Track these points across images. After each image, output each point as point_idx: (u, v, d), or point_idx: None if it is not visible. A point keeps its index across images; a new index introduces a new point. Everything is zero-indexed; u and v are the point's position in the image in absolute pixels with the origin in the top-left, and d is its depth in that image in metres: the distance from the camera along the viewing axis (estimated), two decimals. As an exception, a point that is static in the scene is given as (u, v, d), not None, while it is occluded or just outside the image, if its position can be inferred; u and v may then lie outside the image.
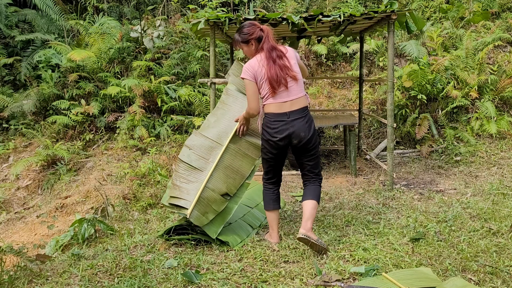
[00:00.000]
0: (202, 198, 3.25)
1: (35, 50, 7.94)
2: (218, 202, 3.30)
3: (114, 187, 5.35)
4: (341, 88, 7.97)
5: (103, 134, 6.87)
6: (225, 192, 3.33)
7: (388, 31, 4.53)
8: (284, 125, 2.99)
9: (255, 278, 2.70)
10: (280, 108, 3.00)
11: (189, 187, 3.29)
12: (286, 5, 8.93)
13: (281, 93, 2.99)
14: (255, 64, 2.99)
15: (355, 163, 5.44)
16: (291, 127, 2.99)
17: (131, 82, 6.81)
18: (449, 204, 4.09)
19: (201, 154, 3.40)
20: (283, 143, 3.03)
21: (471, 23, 7.93)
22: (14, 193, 5.90)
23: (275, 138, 3.01)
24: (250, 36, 3.01)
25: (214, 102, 4.73)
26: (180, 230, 3.36)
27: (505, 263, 2.80)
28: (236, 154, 3.43)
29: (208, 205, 3.26)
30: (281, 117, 2.99)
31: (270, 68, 2.94)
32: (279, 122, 2.99)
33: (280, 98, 3.00)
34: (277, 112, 2.99)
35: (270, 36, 3.00)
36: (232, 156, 3.42)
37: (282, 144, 3.03)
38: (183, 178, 3.33)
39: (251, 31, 3.01)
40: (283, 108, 3.00)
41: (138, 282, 2.68)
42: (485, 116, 6.38)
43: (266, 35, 2.99)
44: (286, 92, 3.00)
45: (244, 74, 3.00)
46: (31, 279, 2.75)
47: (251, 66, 2.99)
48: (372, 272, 2.68)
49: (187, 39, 8.23)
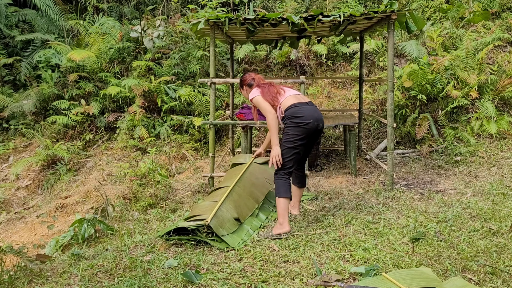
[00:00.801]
0: (218, 214, 3.41)
1: (35, 50, 7.95)
2: (232, 222, 3.47)
3: (114, 187, 5.35)
4: (341, 88, 7.97)
5: (103, 134, 6.87)
6: (236, 217, 3.54)
7: (388, 31, 4.53)
8: (311, 111, 3.45)
9: (255, 278, 2.70)
10: (298, 99, 3.52)
11: (205, 205, 3.60)
12: (286, 5, 8.93)
13: (287, 91, 3.60)
14: (256, 90, 3.58)
15: (355, 163, 5.44)
16: (315, 112, 3.48)
17: (131, 82, 6.81)
18: (449, 204, 4.09)
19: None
20: (314, 126, 3.44)
21: (471, 23, 7.93)
22: (14, 193, 5.90)
23: (309, 121, 3.40)
24: (244, 83, 3.74)
25: (214, 102, 4.73)
26: (180, 231, 3.36)
27: (505, 263, 2.80)
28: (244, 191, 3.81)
29: (224, 222, 3.40)
30: (305, 105, 3.48)
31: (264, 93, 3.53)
32: (306, 109, 3.44)
33: (291, 92, 3.57)
34: (299, 101, 3.48)
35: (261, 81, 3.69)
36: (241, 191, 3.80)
37: (314, 127, 3.44)
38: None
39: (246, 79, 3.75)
40: (301, 99, 3.53)
41: (138, 282, 2.68)
42: (485, 116, 6.38)
43: (257, 80, 3.68)
44: (293, 90, 3.64)
45: (252, 95, 3.54)
46: (31, 279, 2.75)
47: (255, 91, 3.57)
48: (372, 272, 2.68)
49: (187, 39, 8.23)
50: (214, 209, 3.42)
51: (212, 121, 4.66)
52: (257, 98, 3.50)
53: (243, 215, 3.62)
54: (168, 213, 4.30)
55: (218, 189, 3.96)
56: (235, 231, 3.42)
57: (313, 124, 3.42)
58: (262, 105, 3.47)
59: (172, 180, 5.54)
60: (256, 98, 3.51)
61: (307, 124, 3.39)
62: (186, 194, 4.91)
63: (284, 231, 3.38)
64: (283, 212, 3.41)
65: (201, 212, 3.43)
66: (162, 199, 4.76)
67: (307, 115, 3.40)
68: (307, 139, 3.47)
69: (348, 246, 3.14)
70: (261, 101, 3.47)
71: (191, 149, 6.55)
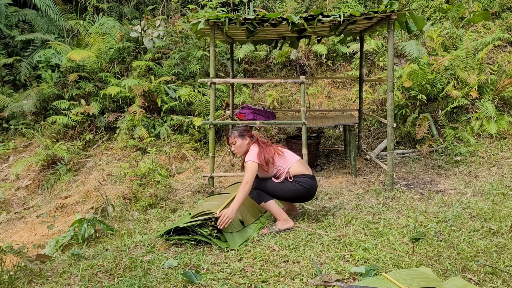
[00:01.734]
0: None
1: (35, 50, 7.95)
2: (237, 223, 3.48)
3: (114, 187, 5.35)
4: (341, 88, 7.97)
5: (103, 134, 6.87)
6: (241, 219, 3.55)
7: (388, 31, 4.53)
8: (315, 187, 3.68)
9: (255, 278, 2.70)
10: (306, 167, 3.70)
11: (209, 204, 3.59)
12: (286, 5, 8.93)
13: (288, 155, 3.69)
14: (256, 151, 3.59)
15: (355, 163, 5.44)
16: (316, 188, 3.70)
17: (131, 82, 6.81)
18: (449, 204, 4.09)
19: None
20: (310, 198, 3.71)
21: (471, 23, 7.93)
22: (14, 193, 5.90)
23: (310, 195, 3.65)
24: (246, 133, 3.74)
25: (214, 102, 4.73)
26: (180, 231, 3.36)
27: (505, 263, 2.80)
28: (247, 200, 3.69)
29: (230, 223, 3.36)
30: (313, 178, 3.65)
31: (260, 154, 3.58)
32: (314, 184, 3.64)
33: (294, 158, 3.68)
34: (309, 173, 3.64)
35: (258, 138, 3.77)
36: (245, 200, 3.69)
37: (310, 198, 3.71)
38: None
39: (247, 129, 3.80)
40: (307, 169, 3.69)
41: (138, 282, 2.68)
42: (485, 116, 6.38)
43: (256, 137, 3.76)
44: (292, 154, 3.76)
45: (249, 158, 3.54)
46: (31, 279, 2.75)
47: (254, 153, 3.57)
48: (372, 272, 2.68)
49: (187, 39, 8.23)
50: (221, 206, 3.44)
51: (212, 121, 4.66)
52: (251, 165, 3.50)
53: (247, 220, 3.62)
54: (168, 213, 4.30)
55: (216, 195, 4.00)
56: (239, 231, 3.43)
57: (309, 198, 3.68)
58: (248, 173, 3.46)
59: (172, 180, 5.54)
60: (249, 163, 3.50)
61: (307, 197, 3.64)
62: (186, 194, 4.91)
63: (290, 226, 3.54)
64: (278, 210, 3.57)
65: (207, 209, 3.41)
66: (162, 199, 4.76)
67: (312, 191, 3.63)
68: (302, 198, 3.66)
69: (348, 246, 3.14)
70: (250, 169, 3.47)
71: (191, 149, 6.55)
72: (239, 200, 3.39)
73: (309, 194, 3.62)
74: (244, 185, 3.41)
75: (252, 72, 8.03)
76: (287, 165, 3.61)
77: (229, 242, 3.26)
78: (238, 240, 3.32)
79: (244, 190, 3.41)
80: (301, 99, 4.55)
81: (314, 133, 6.86)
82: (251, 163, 3.50)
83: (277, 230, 3.50)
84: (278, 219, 3.55)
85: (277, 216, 3.55)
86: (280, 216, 3.55)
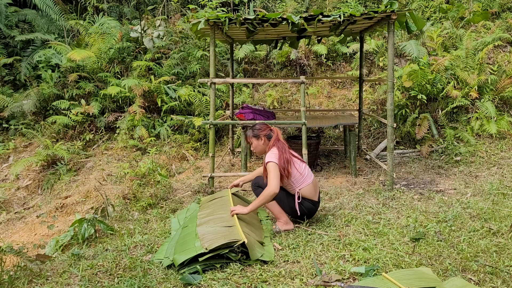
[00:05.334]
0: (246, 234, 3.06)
1: (35, 50, 7.95)
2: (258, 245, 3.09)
3: (114, 187, 5.35)
4: (341, 88, 7.97)
5: (103, 134, 6.87)
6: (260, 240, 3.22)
7: (388, 31, 4.53)
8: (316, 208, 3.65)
9: (255, 278, 2.70)
10: (316, 190, 3.59)
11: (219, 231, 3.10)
12: (286, 5, 8.93)
13: (306, 175, 3.54)
14: (276, 153, 3.46)
15: (355, 163, 5.44)
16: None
17: (131, 82, 6.81)
18: (449, 204, 4.09)
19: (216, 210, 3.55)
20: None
21: (471, 23, 7.93)
22: (14, 193, 5.90)
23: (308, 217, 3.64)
24: (261, 132, 3.60)
25: (214, 102, 4.73)
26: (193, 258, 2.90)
27: (505, 263, 2.80)
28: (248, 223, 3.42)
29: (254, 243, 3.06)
30: (318, 204, 3.63)
31: (281, 158, 3.43)
32: (317, 209, 3.64)
33: (310, 178, 3.56)
34: (316, 199, 3.59)
35: (279, 135, 3.62)
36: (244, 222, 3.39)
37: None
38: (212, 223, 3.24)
39: (262, 128, 3.63)
40: (317, 190, 3.61)
41: (138, 282, 2.68)
42: (485, 116, 6.38)
43: (276, 134, 3.60)
44: (309, 173, 3.60)
45: (269, 159, 3.40)
46: (31, 279, 2.75)
47: (275, 155, 3.44)
48: (372, 272, 2.68)
49: (187, 39, 8.23)
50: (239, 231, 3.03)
51: (212, 121, 4.66)
52: (274, 166, 3.34)
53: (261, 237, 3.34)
54: (168, 213, 4.29)
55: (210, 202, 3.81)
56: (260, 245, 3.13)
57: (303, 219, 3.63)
58: (272, 175, 3.31)
59: (172, 180, 5.54)
60: (272, 165, 3.35)
61: (301, 218, 3.61)
62: (186, 194, 4.91)
63: (289, 228, 3.53)
64: (280, 211, 3.54)
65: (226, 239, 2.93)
66: (162, 199, 4.76)
67: (309, 215, 3.62)
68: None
69: (348, 246, 3.14)
70: (274, 171, 3.32)
71: (191, 149, 6.55)
72: (259, 205, 3.32)
73: (303, 217, 3.60)
74: (269, 188, 3.27)
75: (252, 72, 8.03)
76: (300, 184, 3.50)
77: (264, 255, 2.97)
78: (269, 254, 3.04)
79: (268, 194, 3.27)
80: (301, 99, 4.55)
81: (314, 133, 6.86)
82: (272, 164, 3.35)
83: (277, 230, 3.50)
84: (278, 219, 3.55)
85: (278, 216, 3.54)
86: (281, 217, 3.54)
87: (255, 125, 3.70)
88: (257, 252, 2.96)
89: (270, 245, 3.19)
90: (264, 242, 3.24)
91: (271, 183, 3.30)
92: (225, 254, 2.88)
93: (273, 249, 3.13)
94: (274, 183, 3.29)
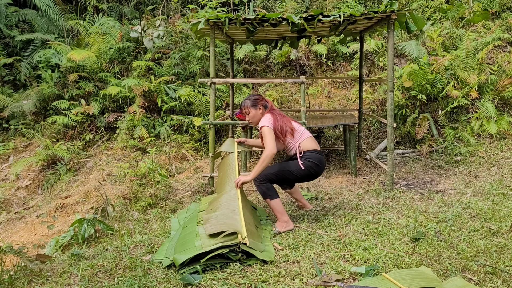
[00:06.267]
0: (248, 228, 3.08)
1: (35, 50, 7.95)
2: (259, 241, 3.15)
3: (114, 187, 5.35)
4: (341, 88, 7.97)
5: (103, 134, 6.87)
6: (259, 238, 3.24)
7: (388, 31, 4.53)
8: (324, 162, 3.67)
9: (255, 278, 2.70)
10: (316, 144, 3.69)
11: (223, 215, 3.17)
12: (286, 5, 8.93)
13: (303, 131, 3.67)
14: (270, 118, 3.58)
15: (355, 163, 5.44)
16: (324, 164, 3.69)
17: (131, 82, 6.81)
18: (449, 204, 4.09)
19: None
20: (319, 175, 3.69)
21: (471, 23, 7.93)
22: (14, 193, 5.90)
23: (320, 172, 3.64)
24: (259, 102, 3.68)
25: (214, 102, 4.73)
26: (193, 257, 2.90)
27: (505, 263, 2.80)
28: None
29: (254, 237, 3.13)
30: (322, 154, 3.67)
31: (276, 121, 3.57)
32: (323, 160, 3.64)
33: (308, 134, 3.68)
34: (318, 149, 3.66)
35: (273, 106, 3.76)
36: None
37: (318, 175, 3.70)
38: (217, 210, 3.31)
39: (260, 98, 3.72)
40: (317, 145, 3.70)
41: (138, 282, 2.68)
42: (485, 116, 6.38)
43: (271, 104, 3.75)
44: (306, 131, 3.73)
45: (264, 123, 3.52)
46: (31, 279, 2.75)
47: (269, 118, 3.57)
48: (372, 272, 2.68)
49: (187, 39, 8.23)
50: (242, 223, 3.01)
51: (212, 121, 4.66)
52: (268, 130, 3.47)
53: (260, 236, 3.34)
54: (168, 213, 4.30)
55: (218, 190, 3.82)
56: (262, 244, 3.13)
57: (320, 174, 3.67)
58: (268, 138, 3.44)
59: (172, 180, 5.54)
60: (266, 129, 3.47)
61: (318, 173, 3.64)
62: (186, 194, 4.91)
63: (290, 228, 3.53)
64: (282, 210, 3.54)
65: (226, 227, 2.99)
66: (162, 199, 4.76)
67: (322, 167, 3.64)
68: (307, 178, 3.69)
69: (348, 246, 3.14)
70: (269, 134, 3.45)
71: (191, 149, 6.55)
72: (260, 169, 3.42)
73: (319, 170, 3.62)
74: (267, 150, 3.38)
75: (252, 72, 8.03)
76: (299, 139, 3.62)
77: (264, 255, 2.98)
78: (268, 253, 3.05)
79: (267, 155, 3.38)
80: (301, 99, 4.55)
81: (314, 133, 6.86)
82: (267, 128, 3.47)
83: (277, 232, 3.48)
84: (278, 219, 3.55)
85: (279, 216, 3.53)
86: (281, 217, 3.53)
87: (251, 96, 3.75)
88: (259, 251, 2.97)
89: (270, 245, 3.19)
90: (264, 242, 3.24)
91: (267, 145, 3.42)
92: (225, 254, 2.89)
93: (273, 249, 3.13)
94: (271, 145, 3.41)
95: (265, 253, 3.01)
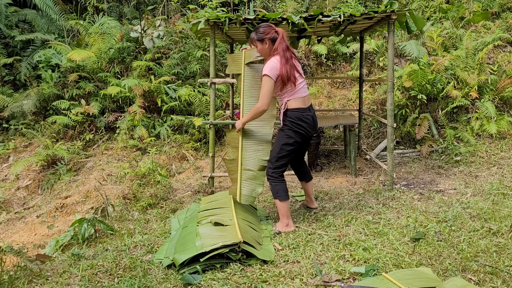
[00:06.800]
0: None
1: (35, 50, 7.95)
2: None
3: (114, 187, 5.35)
4: (341, 88, 7.97)
5: (103, 134, 6.87)
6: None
7: (388, 31, 4.53)
8: (313, 119, 3.47)
9: (255, 278, 2.70)
10: (305, 103, 3.43)
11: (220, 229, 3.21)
12: (286, 5, 8.93)
13: (299, 89, 3.40)
14: (275, 64, 3.28)
15: (355, 163, 5.44)
16: (315, 121, 3.52)
17: (131, 82, 6.81)
18: (449, 204, 4.09)
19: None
20: (312, 133, 3.53)
21: (471, 23, 7.93)
22: (14, 193, 5.90)
23: (309, 130, 3.45)
24: (266, 35, 3.34)
25: (214, 102, 4.73)
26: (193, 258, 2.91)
27: (505, 263, 2.80)
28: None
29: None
30: (309, 111, 3.44)
31: (283, 66, 3.27)
32: (309, 116, 3.43)
33: (301, 93, 3.42)
34: (304, 106, 3.41)
35: (284, 38, 3.35)
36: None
37: (311, 134, 3.53)
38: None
39: (267, 31, 3.36)
40: (307, 103, 3.45)
41: (138, 282, 2.68)
42: (485, 116, 6.38)
43: (281, 37, 3.33)
44: (303, 88, 3.45)
45: (267, 71, 3.25)
46: (31, 279, 2.75)
47: (274, 66, 3.26)
48: (372, 272, 2.68)
49: (187, 39, 8.23)
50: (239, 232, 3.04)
51: (212, 121, 4.66)
52: (267, 81, 3.20)
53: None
54: (168, 213, 4.30)
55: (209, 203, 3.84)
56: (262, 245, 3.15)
57: (312, 132, 3.53)
58: (264, 90, 3.22)
59: (172, 180, 5.54)
60: (267, 79, 3.21)
61: (308, 131, 3.47)
62: (186, 194, 4.91)
63: (289, 230, 3.51)
64: (286, 213, 3.52)
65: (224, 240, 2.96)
66: (162, 199, 4.76)
67: (310, 123, 3.45)
68: (304, 144, 3.58)
69: (348, 246, 3.14)
70: (266, 87, 3.21)
71: (191, 149, 6.55)
72: (249, 118, 3.41)
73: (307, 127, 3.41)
74: (260, 104, 3.24)
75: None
76: (290, 96, 3.37)
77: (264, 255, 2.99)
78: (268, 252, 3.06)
79: (259, 108, 3.25)
80: (301, 99, 4.54)
81: (314, 133, 6.85)
82: (267, 79, 3.22)
83: (277, 231, 3.49)
84: (281, 220, 3.54)
85: (282, 217, 3.52)
86: (284, 219, 3.52)
87: (259, 27, 3.41)
88: (258, 251, 2.98)
89: (270, 245, 3.19)
90: (264, 242, 3.25)
91: (261, 98, 3.26)
92: (225, 254, 2.89)
93: (273, 249, 3.14)
94: (265, 101, 3.26)
95: (265, 253, 3.01)
